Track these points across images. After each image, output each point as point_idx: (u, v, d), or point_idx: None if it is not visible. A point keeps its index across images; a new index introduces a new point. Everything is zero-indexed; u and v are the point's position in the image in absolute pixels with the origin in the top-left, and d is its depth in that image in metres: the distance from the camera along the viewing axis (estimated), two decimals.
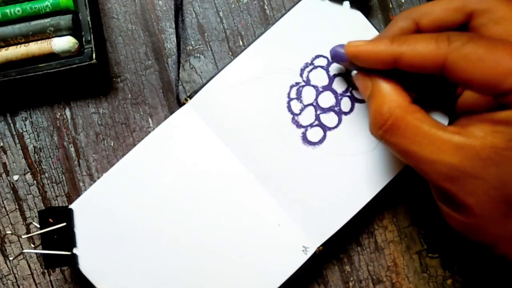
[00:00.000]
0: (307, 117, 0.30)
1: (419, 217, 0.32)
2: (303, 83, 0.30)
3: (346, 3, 0.31)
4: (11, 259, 0.32)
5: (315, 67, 0.30)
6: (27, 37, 0.30)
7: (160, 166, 0.30)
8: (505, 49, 0.20)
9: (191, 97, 0.30)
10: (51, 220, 0.29)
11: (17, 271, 0.32)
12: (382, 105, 0.24)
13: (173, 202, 0.30)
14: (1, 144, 0.33)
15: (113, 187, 0.30)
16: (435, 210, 0.26)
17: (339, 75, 0.30)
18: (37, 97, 0.33)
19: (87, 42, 0.30)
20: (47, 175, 0.32)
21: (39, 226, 0.29)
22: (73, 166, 0.32)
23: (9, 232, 0.32)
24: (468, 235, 0.24)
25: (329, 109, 0.30)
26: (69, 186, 0.32)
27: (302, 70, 0.30)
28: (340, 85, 0.30)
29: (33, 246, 0.31)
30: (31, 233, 0.30)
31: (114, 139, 0.33)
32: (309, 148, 0.30)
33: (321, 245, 0.29)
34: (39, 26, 0.30)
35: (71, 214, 0.29)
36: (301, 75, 0.30)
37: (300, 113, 0.30)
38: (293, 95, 0.30)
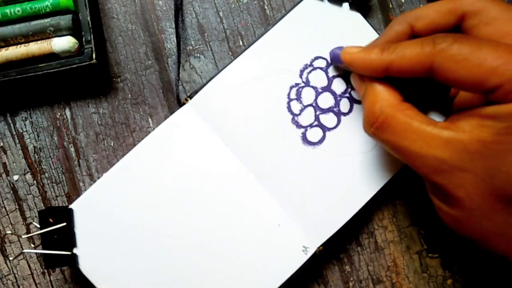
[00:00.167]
0: (307, 117, 0.30)
1: (419, 217, 0.33)
2: (303, 84, 0.30)
3: (345, 5, 0.31)
4: (11, 259, 0.32)
5: (315, 69, 0.30)
6: (27, 37, 0.30)
7: (160, 166, 0.30)
8: (489, 48, 0.21)
9: (191, 97, 0.30)
10: (51, 220, 0.29)
11: (17, 271, 0.32)
12: (374, 104, 0.25)
13: (173, 202, 0.30)
14: (1, 144, 0.33)
15: (113, 187, 0.30)
16: (435, 210, 0.26)
17: (338, 76, 0.30)
18: (37, 97, 0.33)
19: (87, 42, 0.30)
20: (47, 175, 0.32)
21: (39, 226, 0.29)
22: (73, 166, 0.32)
23: (9, 232, 0.32)
24: (457, 230, 0.24)
25: (329, 109, 0.30)
26: (69, 186, 0.32)
27: (301, 71, 0.30)
28: (339, 86, 0.30)
29: (33, 246, 0.31)
30: (31, 233, 0.30)
31: (114, 139, 0.33)
32: (308, 148, 0.30)
33: (321, 245, 0.29)
34: (39, 26, 0.30)
35: (71, 214, 0.29)
36: (301, 76, 0.30)
37: (300, 114, 0.30)
38: (293, 95, 0.30)
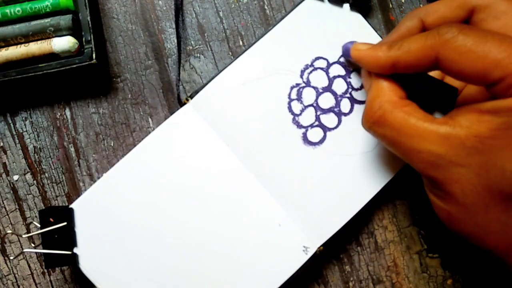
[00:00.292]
0: (308, 117, 0.30)
1: (419, 217, 0.33)
2: (304, 84, 0.30)
3: (346, 5, 0.31)
4: (11, 258, 0.32)
5: (315, 69, 0.30)
6: (27, 37, 0.30)
7: (160, 165, 0.30)
8: (494, 41, 0.21)
9: (192, 97, 0.30)
10: (51, 219, 0.29)
11: (17, 271, 0.32)
12: (374, 99, 0.25)
13: (174, 202, 0.30)
14: (1, 144, 0.32)
15: (114, 187, 0.30)
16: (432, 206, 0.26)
17: (339, 76, 0.30)
18: (37, 97, 0.33)
19: (87, 42, 0.30)
20: (47, 175, 0.32)
21: (39, 225, 0.29)
22: (73, 166, 0.32)
23: (9, 231, 0.32)
24: (451, 225, 0.24)
25: (329, 110, 0.30)
26: (69, 186, 0.32)
27: (302, 71, 0.30)
28: (339, 86, 0.30)
29: (33, 245, 0.31)
30: (31, 233, 0.30)
31: (114, 139, 0.33)
32: (309, 148, 0.30)
33: (322, 245, 0.29)
34: (39, 26, 0.30)
35: (71, 213, 0.29)
36: (302, 77, 0.30)
37: (300, 114, 0.30)
38: (294, 96, 0.30)
